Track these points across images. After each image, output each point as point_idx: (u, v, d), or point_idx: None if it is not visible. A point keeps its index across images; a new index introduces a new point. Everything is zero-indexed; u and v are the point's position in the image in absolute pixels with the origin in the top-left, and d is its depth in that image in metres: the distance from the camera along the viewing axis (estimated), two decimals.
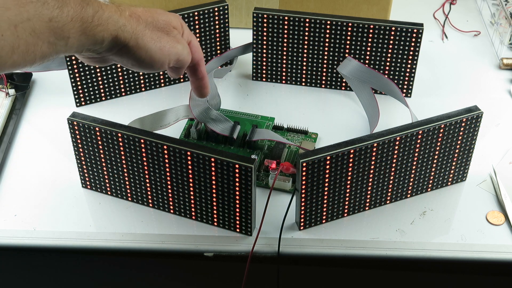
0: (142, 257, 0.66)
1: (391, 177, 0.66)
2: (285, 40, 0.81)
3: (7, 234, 0.66)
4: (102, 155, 0.66)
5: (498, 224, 0.67)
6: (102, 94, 0.82)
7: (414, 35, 0.77)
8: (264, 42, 0.82)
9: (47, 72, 0.85)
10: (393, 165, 0.65)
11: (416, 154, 0.66)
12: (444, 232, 0.66)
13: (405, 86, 0.82)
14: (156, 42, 0.56)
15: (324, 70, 0.83)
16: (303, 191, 0.62)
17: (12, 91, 0.81)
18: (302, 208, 0.64)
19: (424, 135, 0.64)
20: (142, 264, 0.70)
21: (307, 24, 0.79)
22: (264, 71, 0.85)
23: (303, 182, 0.61)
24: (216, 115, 0.75)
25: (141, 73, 0.82)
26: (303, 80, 0.85)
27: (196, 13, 0.80)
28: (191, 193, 0.64)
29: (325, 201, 0.65)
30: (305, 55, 0.82)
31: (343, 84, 0.84)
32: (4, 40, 0.44)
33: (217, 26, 0.82)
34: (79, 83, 0.79)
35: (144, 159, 0.64)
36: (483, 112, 0.66)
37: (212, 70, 0.82)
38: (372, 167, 0.64)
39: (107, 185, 0.69)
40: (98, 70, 0.79)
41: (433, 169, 0.68)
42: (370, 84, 0.78)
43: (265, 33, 0.81)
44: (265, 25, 0.80)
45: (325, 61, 0.82)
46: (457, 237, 0.66)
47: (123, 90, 0.83)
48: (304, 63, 0.83)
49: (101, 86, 0.81)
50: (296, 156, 0.70)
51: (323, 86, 0.85)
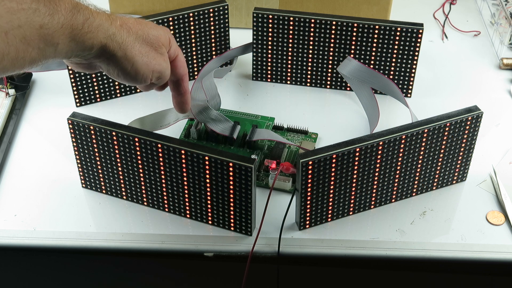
0: (142, 257, 0.66)
1: (392, 177, 0.66)
2: (285, 40, 0.81)
3: (7, 234, 0.66)
4: (102, 155, 0.66)
5: (498, 224, 0.67)
6: (102, 94, 0.82)
7: (414, 35, 0.77)
8: (264, 42, 0.82)
9: (47, 72, 0.85)
10: (393, 165, 0.65)
11: (416, 154, 0.66)
12: (444, 232, 0.66)
13: (405, 86, 0.82)
14: (144, 56, 0.56)
15: (324, 70, 0.83)
16: (303, 191, 0.62)
17: (12, 91, 0.81)
18: (302, 208, 0.64)
19: (424, 135, 0.64)
20: (142, 264, 0.70)
21: (307, 24, 0.79)
22: (264, 71, 0.85)
23: (303, 182, 0.61)
24: (216, 115, 0.75)
25: None
26: (303, 80, 0.85)
27: (196, 13, 0.80)
28: (191, 193, 0.64)
29: (325, 201, 0.65)
30: (305, 55, 0.82)
31: (343, 84, 0.84)
32: None
33: (217, 26, 0.82)
34: (79, 83, 0.79)
35: (144, 159, 0.64)
36: (483, 112, 0.66)
37: (212, 70, 0.82)
38: (372, 167, 0.64)
39: (107, 185, 0.69)
40: None
41: (433, 169, 0.68)
42: (370, 84, 0.78)
43: (265, 33, 0.81)
44: (265, 25, 0.80)
45: (325, 61, 0.82)
46: (457, 237, 0.66)
47: (123, 90, 0.83)
48: (304, 63, 0.83)
49: (101, 86, 0.81)
50: (296, 156, 0.70)
51: (323, 86, 0.85)
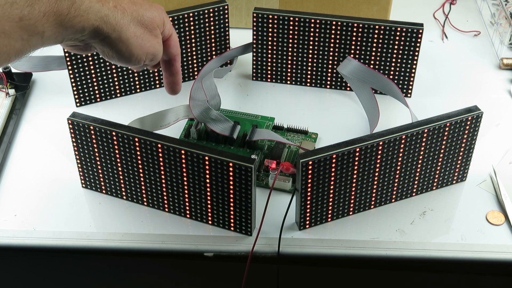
0: (142, 257, 0.66)
1: (392, 177, 0.66)
2: (285, 40, 0.81)
3: (7, 234, 0.66)
4: (102, 155, 0.66)
5: (498, 224, 0.67)
6: (102, 94, 0.82)
7: (414, 35, 0.77)
8: (264, 42, 0.82)
9: (47, 72, 0.85)
10: (394, 165, 0.65)
11: (416, 154, 0.66)
12: (444, 232, 0.66)
13: (405, 86, 0.82)
14: (138, 38, 0.56)
15: (324, 70, 0.83)
16: (303, 191, 0.62)
17: (12, 91, 0.81)
18: (302, 208, 0.64)
19: (424, 135, 0.64)
20: (142, 264, 0.70)
21: (307, 24, 0.79)
22: (264, 71, 0.85)
23: (303, 182, 0.61)
24: (216, 115, 0.75)
25: (140, 73, 0.82)
26: (303, 80, 0.85)
27: (196, 13, 0.80)
28: (191, 193, 0.64)
29: (325, 201, 0.65)
30: (305, 55, 0.82)
31: (343, 84, 0.84)
32: None
33: (217, 26, 0.82)
34: (79, 83, 0.79)
35: (144, 159, 0.64)
36: (483, 112, 0.66)
37: (212, 70, 0.82)
38: (372, 167, 0.64)
39: (107, 185, 0.69)
40: (98, 70, 0.79)
41: (433, 169, 0.68)
42: (370, 84, 0.78)
43: (265, 33, 0.81)
44: (265, 25, 0.80)
45: (325, 61, 0.82)
46: (457, 237, 0.66)
47: (123, 90, 0.83)
48: (304, 63, 0.83)
49: (101, 86, 0.81)
50: (296, 156, 0.70)
51: (323, 86, 0.85)
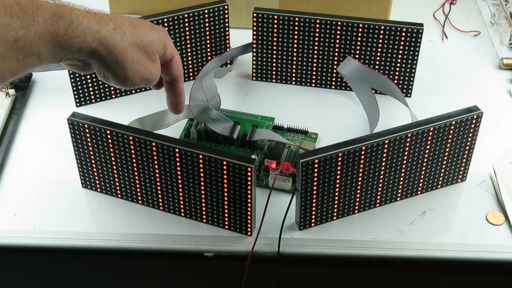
0: (142, 257, 0.66)
1: (392, 177, 0.66)
2: (285, 40, 0.81)
3: (7, 234, 0.66)
4: (102, 155, 0.66)
5: (498, 224, 0.67)
6: (102, 94, 0.82)
7: (414, 35, 0.77)
8: (264, 42, 0.82)
9: (47, 72, 0.85)
10: (394, 165, 0.65)
11: (416, 154, 0.66)
12: (444, 232, 0.66)
13: (405, 86, 0.82)
14: (135, 63, 0.56)
15: (324, 70, 0.83)
16: (303, 191, 0.62)
17: (12, 91, 0.81)
18: (302, 208, 0.64)
19: (424, 135, 0.64)
20: (142, 264, 0.70)
21: (307, 24, 0.79)
22: (264, 71, 0.85)
23: (303, 182, 0.61)
24: (216, 115, 0.75)
25: None
26: (303, 80, 0.85)
27: (196, 13, 0.80)
28: (190, 192, 0.64)
29: (325, 201, 0.65)
30: (305, 55, 0.82)
31: (343, 84, 0.84)
32: None
33: (217, 26, 0.82)
34: (79, 83, 0.79)
35: (144, 159, 0.64)
36: (483, 112, 0.66)
37: (212, 70, 0.82)
38: (372, 167, 0.64)
39: (107, 185, 0.69)
40: None
41: (433, 169, 0.68)
42: (370, 84, 0.78)
43: (265, 33, 0.81)
44: (265, 25, 0.80)
45: (325, 61, 0.82)
46: (457, 237, 0.66)
47: (123, 90, 0.83)
48: (304, 63, 0.83)
49: (101, 86, 0.81)
50: (296, 156, 0.70)
51: (323, 86, 0.85)
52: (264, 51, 0.83)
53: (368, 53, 0.80)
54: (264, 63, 0.84)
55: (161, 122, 0.74)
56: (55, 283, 0.76)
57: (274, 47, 0.82)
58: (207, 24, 0.82)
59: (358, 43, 0.80)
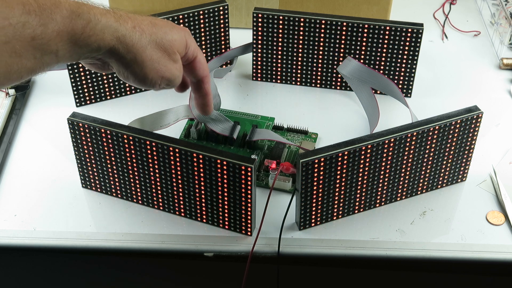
0: (142, 257, 0.66)
1: (391, 177, 0.66)
2: (285, 40, 0.81)
3: (7, 234, 0.66)
4: (102, 155, 0.66)
5: (498, 224, 0.67)
6: (102, 94, 0.82)
7: (414, 35, 0.77)
8: (264, 42, 0.82)
9: (47, 72, 0.84)
10: (393, 165, 0.65)
11: (416, 154, 0.66)
12: (444, 232, 0.66)
13: (405, 86, 0.82)
14: (154, 62, 0.54)
15: (324, 70, 0.83)
16: (303, 191, 0.62)
17: (12, 91, 0.81)
18: (302, 208, 0.64)
19: (424, 135, 0.64)
20: (142, 264, 0.70)
21: (307, 24, 0.79)
22: (264, 71, 0.85)
23: (303, 182, 0.61)
24: (216, 115, 0.75)
25: None
26: (303, 80, 0.85)
27: (196, 13, 0.80)
28: (190, 192, 0.64)
29: (324, 201, 0.65)
30: (305, 55, 0.82)
31: (343, 84, 0.84)
32: None
33: (217, 26, 0.82)
34: (79, 83, 0.79)
35: (144, 159, 0.64)
36: (483, 112, 0.66)
37: (212, 70, 0.82)
38: (372, 167, 0.64)
39: (107, 185, 0.69)
40: None
41: (433, 169, 0.68)
42: (370, 84, 0.78)
43: (265, 33, 0.81)
44: (265, 25, 0.80)
45: (325, 61, 0.82)
46: (457, 237, 0.66)
47: (123, 90, 0.83)
48: (304, 63, 0.83)
49: (101, 86, 0.81)
50: (296, 156, 0.70)
51: (323, 86, 0.85)
52: (264, 51, 0.83)
53: (368, 53, 0.80)
54: (264, 63, 0.84)
55: (161, 122, 0.74)
56: (55, 283, 0.76)
57: (274, 47, 0.82)
58: (207, 24, 0.82)
59: (358, 43, 0.80)
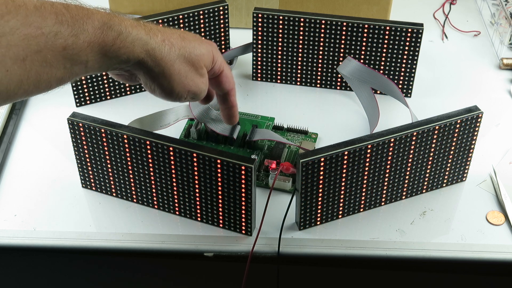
0: (142, 257, 0.66)
1: (391, 177, 0.66)
2: (285, 40, 0.81)
3: (7, 234, 0.66)
4: (102, 155, 0.66)
5: (498, 224, 0.67)
6: (102, 94, 0.82)
7: (414, 35, 0.77)
8: (264, 42, 0.82)
9: None
10: (393, 165, 0.65)
11: (416, 154, 0.66)
12: (444, 232, 0.66)
13: (405, 86, 0.82)
14: (182, 76, 0.55)
15: (324, 70, 0.83)
16: (303, 191, 0.62)
17: None
18: (302, 208, 0.64)
19: (424, 135, 0.64)
20: (142, 264, 0.70)
21: (307, 24, 0.79)
22: (264, 71, 0.85)
23: (303, 182, 0.61)
24: (216, 115, 0.75)
25: None
26: (303, 80, 0.85)
27: (196, 13, 0.80)
28: (191, 193, 0.64)
29: (325, 201, 0.65)
30: (305, 55, 0.82)
31: (343, 84, 0.84)
32: (10, 74, 0.43)
33: (217, 26, 0.82)
34: (79, 83, 0.79)
35: (144, 159, 0.64)
36: (483, 112, 0.66)
37: None
38: (373, 167, 0.64)
39: (107, 185, 0.69)
40: None
41: (433, 169, 0.68)
42: (370, 84, 0.78)
43: (265, 33, 0.81)
44: (265, 25, 0.80)
45: (325, 61, 0.82)
46: (457, 237, 0.66)
47: (123, 90, 0.83)
48: (304, 63, 0.83)
49: (101, 86, 0.81)
50: (296, 156, 0.70)
51: (323, 86, 0.85)
52: (264, 51, 0.83)
53: (368, 53, 0.80)
54: (264, 63, 0.84)
55: (161, 122, 0.74)
56: (55, 283, 0.76)
57: (274, 47, 0.82)
58: (207, 24, 0.82)
59: (358, 43, 0.80)
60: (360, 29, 0.78)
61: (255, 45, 0.83)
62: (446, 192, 0.71)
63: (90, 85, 0.80)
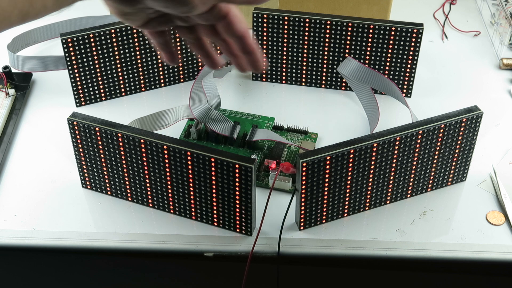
0: (142, 257, 0.66)
1: (391, 177, 0.66)
2: (285, 40, 0.81)
3: (7, 234, 0.66)
4: (102, 155, 0.66)
5: (498, 224, 0.67)
6: (102, 94, 0.82)
7: (414, 35, 0.77)
8: (264, 42, 0.82)
9: (47, 72, 0.85)
10: (393, 165, 0.65)
11: (416, 154, 0.66)
12: (444, 232, 0.66)
13: (405, 86, 0.82)
14: None
15: (324, 70, 0.83)
16: (303, 191, 0.62)
17: (12, 91, 0.81)
18: (302, 208, 0.64)
19: (424, 135, 0.64)
20: (142, 264, 0.70)
21: (307, 24, 0.79)
22: (264, 71, 0.85)
23: (303, 182, 0.61)
24: (216, 115, 0.75)
25: (141, 73, 0.82)
26: (303, 80, 0.85)
27: None
28: (191, 193, 0.64)
29: (325, 201, 0.65)
30: (305, 55, 0.82)
31: (343, 84, 0.84)
32: None
33: None
34: (79, 83, 0.79)
35: (144, 159, 0.64)
36: (483, 112, 0.66)
37: (212, 70, 0.81)
38: (372, 167, 0.64)
39: (107, 185, 0.69)
40: (98, 70, 0.79)
41: (433, 169, 0.68)
42: (370, 84, 0.78)
43: (265, 33, 0.81)
44: (265, 25, 0.80)
45: (325, 61, 0.82)
46: (457, 237, 0.66)
47: (123, 90, 0.83)
48: (304, 63, 0.83)
49: (101, 86, 0.81)
50: (296, 156, 0.70)
51: (323, 86, 0.85)
52: (264, 51, 0.83)
53: (368, 53, 0.80)
54: (264, 63, 0.84)
55: (161, 122, 0.74)
56: (55, 283, 0.76)
57: (274, 47, 0.82)
58: None
59: (358, 43, 0.80)
60: (360, 29, 0.78)
61: None
62: (446, 192, 0.71)
63: (90, 85, 0.80)
